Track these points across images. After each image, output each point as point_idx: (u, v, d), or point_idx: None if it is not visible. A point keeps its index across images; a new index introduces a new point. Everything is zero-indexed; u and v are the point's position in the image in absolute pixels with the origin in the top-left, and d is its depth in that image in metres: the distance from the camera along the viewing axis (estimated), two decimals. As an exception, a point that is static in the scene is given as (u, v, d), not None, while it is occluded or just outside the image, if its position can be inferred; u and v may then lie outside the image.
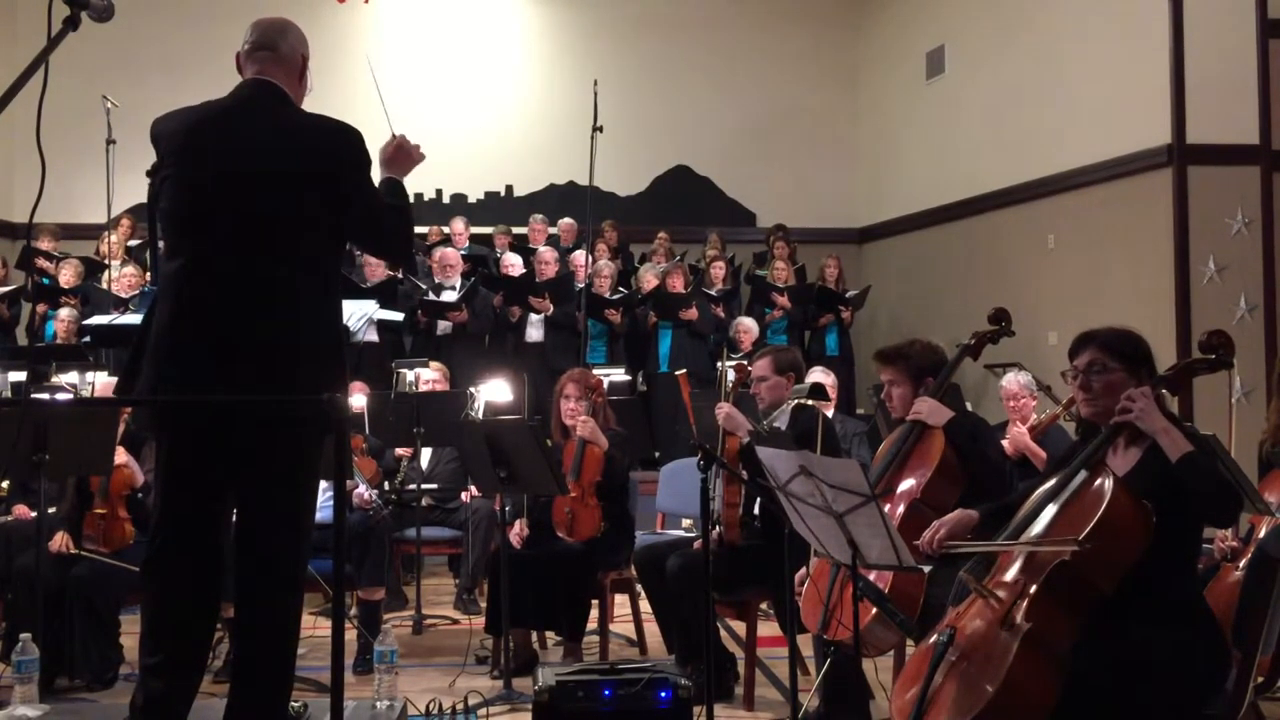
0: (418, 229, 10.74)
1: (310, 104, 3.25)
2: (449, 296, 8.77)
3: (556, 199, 11.50)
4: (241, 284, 2.99)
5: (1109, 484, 2.79)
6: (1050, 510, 2.90)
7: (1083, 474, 2.89)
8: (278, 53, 3.19)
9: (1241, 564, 3.71)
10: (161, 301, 3.10)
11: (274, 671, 3.07)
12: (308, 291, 3.05)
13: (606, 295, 9.06)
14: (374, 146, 3.24)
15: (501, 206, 11.67)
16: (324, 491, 5.32)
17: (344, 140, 3.11)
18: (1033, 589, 2.78)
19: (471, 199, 11.84)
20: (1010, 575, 2.90)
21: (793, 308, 9.82)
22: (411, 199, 3.34)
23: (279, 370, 2.99)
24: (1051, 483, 2.96)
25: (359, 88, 3.08)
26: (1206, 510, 2.85)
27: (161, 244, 3.17)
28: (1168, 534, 2.79)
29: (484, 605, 5.53)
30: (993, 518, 3.27)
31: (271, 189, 3.02)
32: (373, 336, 8.27)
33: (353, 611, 5.16)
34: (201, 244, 3.03)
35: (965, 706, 2.71)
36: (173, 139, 3.10)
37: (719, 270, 9.97)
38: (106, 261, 8.79)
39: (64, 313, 8.34)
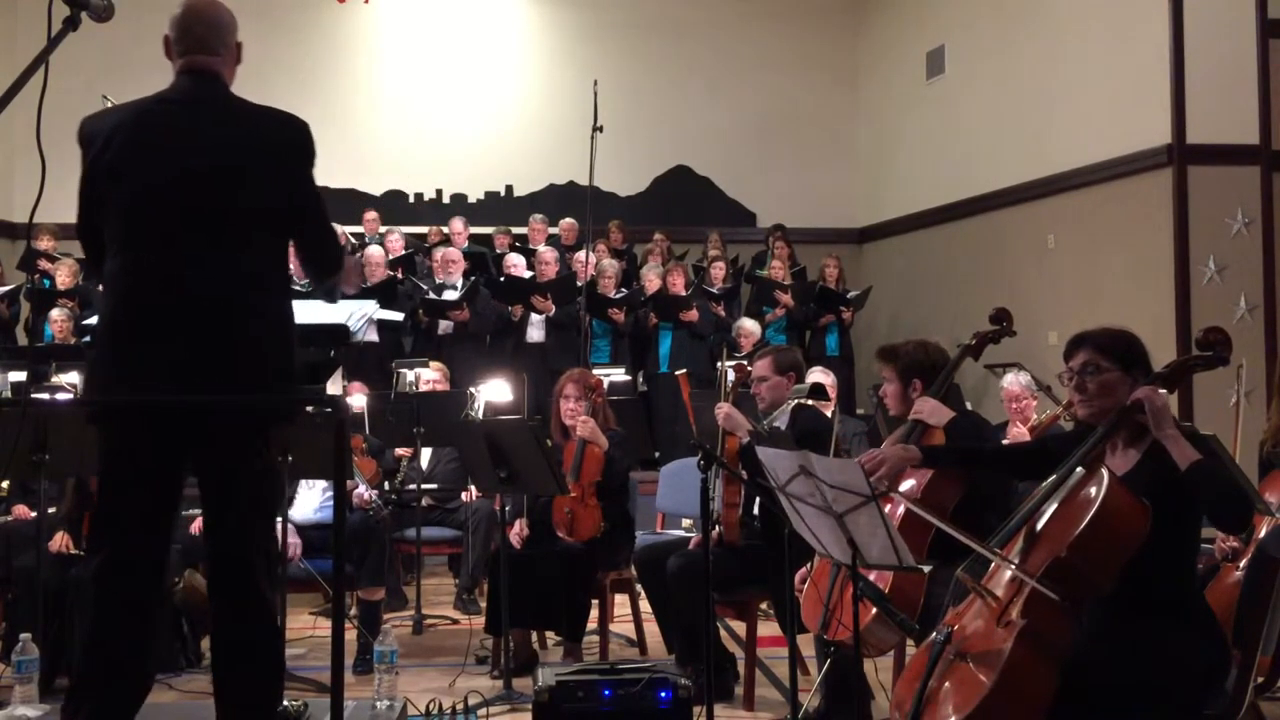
0: (418, 229, 10.79)
1: (310, 103, 3.23)
2: (450, 296, 8.77)
3: (556, 199, 11.49)
4: (195, 280, 2.90)
5: (1105, 480, 2.80)
6: (1048, 508, 2.91)
7: (1079, 471, 2.90)
8: (214, 40, 3.06)
9: (1241, 564, 3.72)
10: (110, 300, 2.99)
11: (264, 674, 2.99)
12: (262, 287, 2.99)
13: (611, 294, 9.06)
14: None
15: (501, 206, 11.67)
16: (324, 491, 5.37)
17: (294, 134, 3.04)
18: (1029, 586, 2.78)
19: (471, 199, 11.84)
20: (1007, 573, 2.90)
21: (795, 306, 9.82)
22: (412, 199, 3.33)
23: (239, 367, 2.91)
24: (1050, 480, 2.96)
25: (359, 87, 3.05)
26: (1219, 517, 2.87)
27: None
28: (1167, 534, 2.80)
29: (484, 605, 5.53)
30: (942, 460, 3.46)
31: (224, 184, 2.94)
32: (373, 336, 8.27)
33: (353, 611, 5.17)
34: (154, 242, 2.93)
35: (962, 702, 2.71)
36: (115, 136, 2.95)
37: (719, 271, 9.98)
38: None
39: (55, 313, 8.33)
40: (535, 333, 9.03)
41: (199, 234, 2.92)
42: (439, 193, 11.77)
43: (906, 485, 3.74)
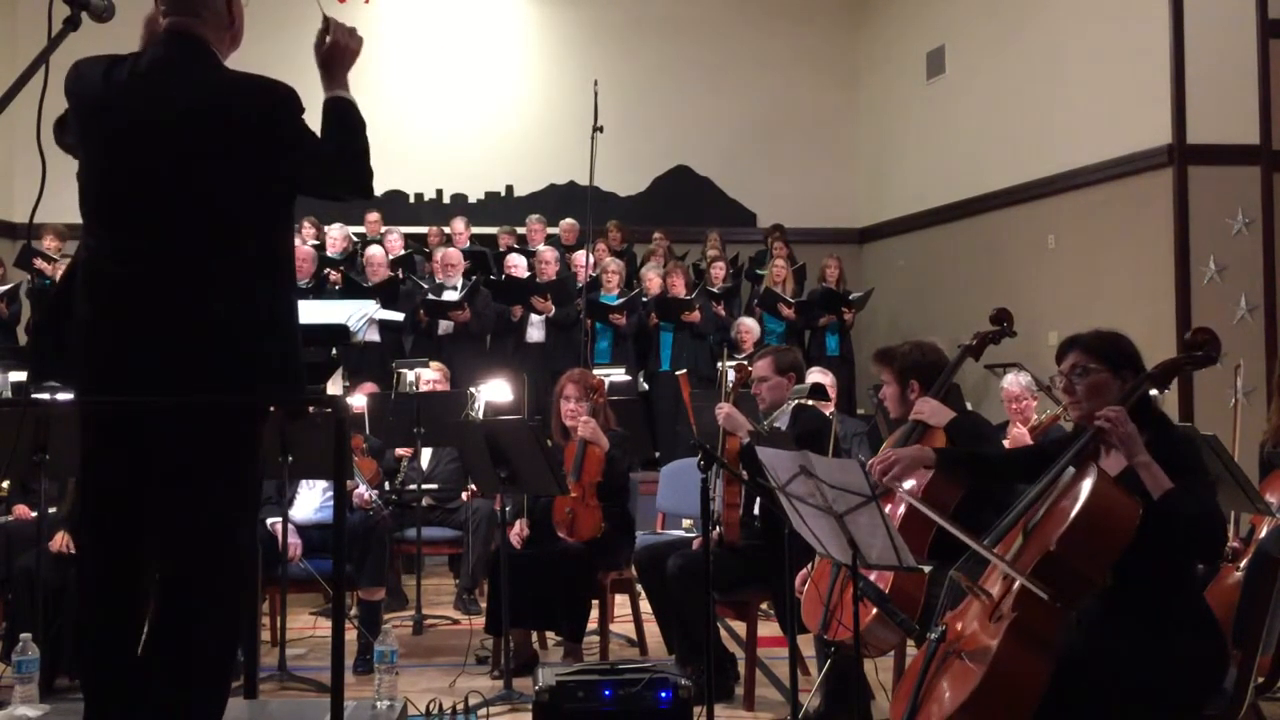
0: (417, 229, 10.76)
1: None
2: (450, 296, 8.77)
3: (556, 199, 11.50)
4: (160, 271, 2.66)
5: (1093, 477, 2.82)
6: (1042, 506, 2.92)
7: (1071, 470, 2.92)
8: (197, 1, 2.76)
9: (1242, 564, 3.72)
10: (80, 285, 2.75)
11: None
12: (237, 277, 2.69)
13: (616, 291, 9.06)
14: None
15: (501, 206, 11.67)
16: (324, 491, 5.37)
17: (275, 100, 2.72)
18: (1020, 581, 2.79)
19: (471, 199, 11.84)
20: (1002, 571, 2.91)
21: (798, 318, 9.81)
22: (412, 199, 3.22)
23: (205, 365, 2.65)
24: (1043, 479, 2.98)
25: (359, 87, 2.98)
26: (1189, 551, 2.89)
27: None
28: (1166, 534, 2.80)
29: (484, 605, 5.54)
30: (954, 464, 3.40)
31: (193, 165, 2.67)
32: (373, 336, 8.27)
33: (353, 611, 5.17)
34: (116, 227, 2.71)
35: (955, 695, 2.74)
36: (83, 102, 2.73)
37: (719, 270, 9.98)
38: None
39: None
40: (535, 333, 9.03)
41: (156, 219, 2.67)
42: (439, 193, 11.78)
43: (907, 485, 3.75)
